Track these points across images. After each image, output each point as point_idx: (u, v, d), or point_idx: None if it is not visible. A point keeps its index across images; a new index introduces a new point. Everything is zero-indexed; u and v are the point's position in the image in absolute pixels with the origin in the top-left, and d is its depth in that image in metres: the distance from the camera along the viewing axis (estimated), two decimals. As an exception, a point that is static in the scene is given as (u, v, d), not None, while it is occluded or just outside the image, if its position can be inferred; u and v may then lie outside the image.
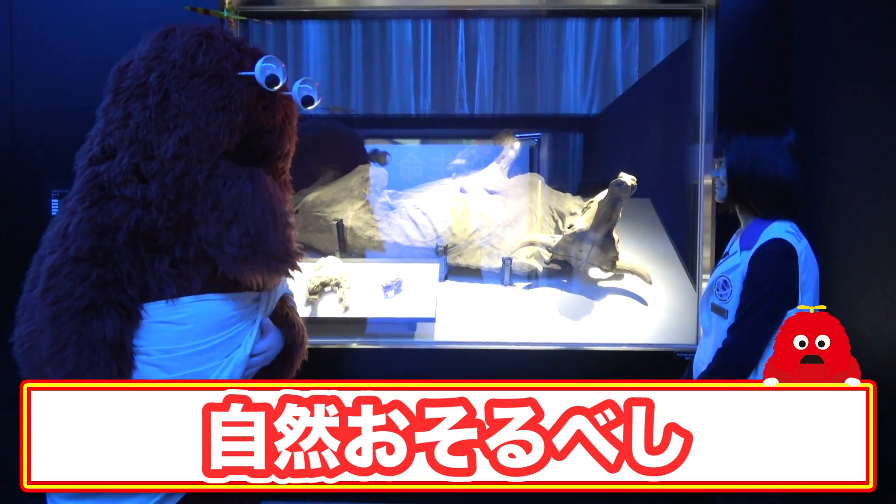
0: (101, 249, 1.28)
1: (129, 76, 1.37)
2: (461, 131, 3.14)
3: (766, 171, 1.53)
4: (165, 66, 1.34)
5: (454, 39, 3.09)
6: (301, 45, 3.05)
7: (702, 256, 2.23)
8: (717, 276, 1.62)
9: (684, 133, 2.41)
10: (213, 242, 1.35)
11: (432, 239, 2.57)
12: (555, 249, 2.45)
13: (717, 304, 1.59)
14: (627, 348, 2.18)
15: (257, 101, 1.42)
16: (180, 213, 1.33)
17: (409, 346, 2.19)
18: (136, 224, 1.30)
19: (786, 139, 1.54)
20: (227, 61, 1.37)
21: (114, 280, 1.30)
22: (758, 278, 1.48)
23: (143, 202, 1.31)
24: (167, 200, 1.32)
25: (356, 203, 2.63)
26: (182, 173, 1.32)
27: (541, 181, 2.76)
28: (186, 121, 1.33)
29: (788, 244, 1.48)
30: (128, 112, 1.33)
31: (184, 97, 1.33)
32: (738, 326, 1.51)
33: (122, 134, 1.32)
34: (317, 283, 2.28)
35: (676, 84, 2.65)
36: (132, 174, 1.31)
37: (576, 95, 3.12)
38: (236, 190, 1.37)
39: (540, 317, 2.34)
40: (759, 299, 1.47)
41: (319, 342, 2.19)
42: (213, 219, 1.35)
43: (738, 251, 1.57)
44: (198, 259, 1.36)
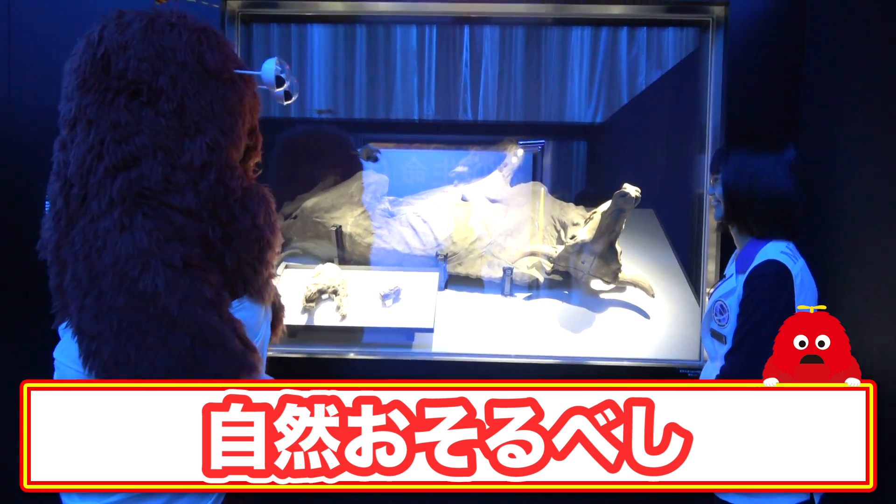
0: (197, 255, 1.23)
1: (120, 74, 1.26)
2: (464, 138, 3.12)
3: (765, 189, 1.49)
4: (174, 67, 1.26)
5: (459, 46, 3.08)
6: (303, 48, 3.03)
7: (706, 270, 2.19)
8: (714, 300, 1.58)
9: (690, 144, 2.38)
10: (251, 262, 1.33)
11: (432, 247, 2.53)
12: (556, 260, 2.42)
13: (716, 330, 1.56)
14: (629, 363, 2.14)
15: (254, 101, 1.40)
16: (223, 222, 1.28)
17: (406, 357, 2.15)
18: (196, 233, 1.24)
19: (786, 156, 1.50)
20: (230, 60, 1.34)
21: (218, 282, 1.27)
22: (753, 303, 1.44)
23: (187, 211, 1.24)
24: (207, 210, 1.26)
25: (356, 209, 2.60)
26: (216, 181, 1.27)
27: (543, 190, 2.73)
28: (209, 126, 1.27)
29: (783, 266, 1.43)
30: (136, 118, 1.24)
31: (203, 102, 1.27)
32: (734, 353, 1.47)
33: (141, 141, 1.23)
34: (314, 291, 2.25)
35: (683, 95, 2.62)
36: (168, 183, 1.23)
37: (580, 104, 3.10)
38: (263, 207, 1.36)
39: (540, 328, 2.30)
40: (755, 324, 1.43)
41: (315, 351, 2.16)
42: (254, 238, 1.32)
43: (733, 274, 1.54)
44: (241, 268, 1.33)
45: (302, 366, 2.10)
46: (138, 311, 1.18)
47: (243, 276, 1.34)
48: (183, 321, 1.19)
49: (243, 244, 1.31)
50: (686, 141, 2.47)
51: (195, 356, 1.20)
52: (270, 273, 1.42)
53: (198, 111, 1.27)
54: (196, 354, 1.20)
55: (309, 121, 3.10)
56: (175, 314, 1.19)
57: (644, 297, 2.40)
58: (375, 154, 2.78)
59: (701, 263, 2.22)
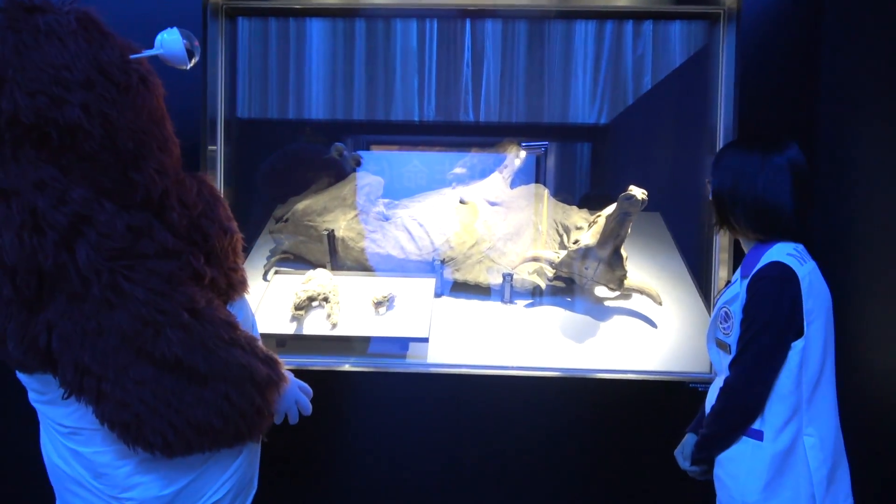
0: (198, 292, 1.15)
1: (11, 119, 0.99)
2: (466, 139, 3.03)
3: (745, 192, 1.40)
4: (78, 92, 1.00)
5: (460, 44, 2.99)
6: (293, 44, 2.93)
7: (717, 277, 2.09)
8: (718, 307, 1.48)
9: (699, 145, 2.28)
10: (231, 266, 1.27)
11: (429, 252, 2.43)
12: (559, 266, 2.32)
13: (720, 339, 1.46)
14: (635, 376, 2.03)
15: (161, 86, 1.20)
16: (199, 244, 1.18)
17: (400, 370, 2.05)
18: (183, 270, 1.15)
19: (776, 157, 1.40)
20: (121, 48, 1.09)
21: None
22: (754, 308, 1.35)
23: (167, 253, 1.11)
24: (184, 241, 1.14)
25: (349, 212, 2.50)
26: (180, 205, 1.15)
27: (546, 193, 2.63)
28: (147, 146, 1.09)
29: (787, 268, 1.34)
30: (60, 167, 1.02)
31: (127, 121, 1.05)
32: (737, 363, 1.37)
33: (79, 193, 1.03)
34: (303, 298, 2.15)
35: (691, 92, 2.53)
36: (130, 232, 1.07)
37: (584, 103, 3.01)
38: (219, 203, 1.27)
39: (541, 337, 2.20)
40: (757, 331, 1.33)
41: (304, 362, 2.05)
42: (227, 243, 1.25)
43: (738, 279, 1.44)
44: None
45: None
46: (167, 376, 1.08)
47: (230, 281, 1.27)
48: (212, 372, 1.11)
49: (222, 255, 1.22)
50: (694, 141, 2.38)
51: (230, 400, 1.12)
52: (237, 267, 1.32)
53: (130, 136, 1.05)
54: (231, 397, 1.12)
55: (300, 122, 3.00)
56: (203, 370, 1.10)
57: (651, 306, 2.31)
58: (358, 157, 2.63)
59: (711, 269, 2.11)
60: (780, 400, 1.34)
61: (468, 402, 2.01)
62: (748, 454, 1.36)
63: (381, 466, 2.04)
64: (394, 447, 2.04)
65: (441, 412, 2.01)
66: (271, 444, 1.36)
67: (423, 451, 2.03)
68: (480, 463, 2.03)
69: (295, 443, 2.02)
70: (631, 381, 2.02)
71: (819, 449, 1.33)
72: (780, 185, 1.39)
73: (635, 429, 2.00)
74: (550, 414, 2.01)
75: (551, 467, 2.03)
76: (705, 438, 1.43)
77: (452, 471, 2.03)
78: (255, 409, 1.16)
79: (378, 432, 2.03)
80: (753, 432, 1.36)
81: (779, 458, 1.33)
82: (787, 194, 1.39)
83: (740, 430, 1.37)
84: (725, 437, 1.39)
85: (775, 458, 1.33)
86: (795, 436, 1.33)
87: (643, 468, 2.01)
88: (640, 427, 2.00)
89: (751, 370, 1.34)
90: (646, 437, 2.00)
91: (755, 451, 1.35)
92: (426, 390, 2.02)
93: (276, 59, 2.90)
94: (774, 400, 1.34)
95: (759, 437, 1.35)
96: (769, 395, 1.34)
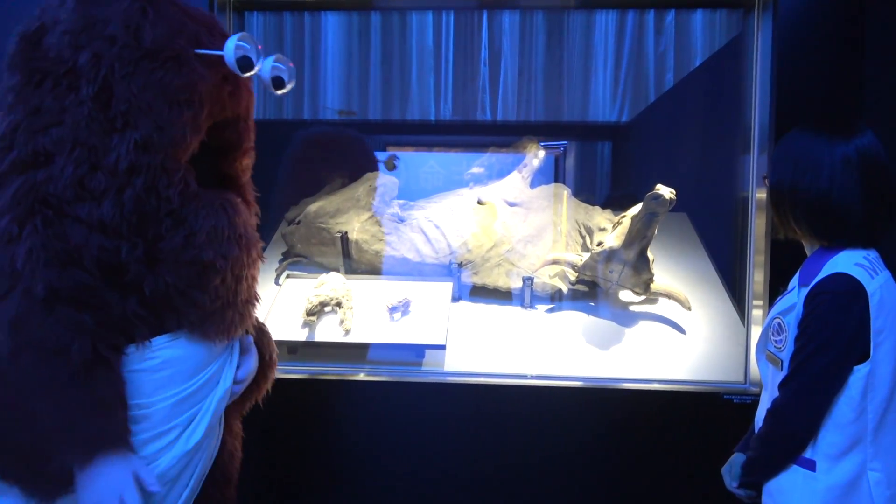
0: (81, 285, 1.01)
1: (46, 51, 1.07)
2: (482, 139, 2.94)
3: (807, 187, 1.23)
4: (100, 43, 1.05)
5: (477, 42, 2.91)
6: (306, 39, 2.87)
7: (752, 281, 1.97)
8: (772, 316, 1.33)
9: (730, 142, 2.17)
10: (183, 289, 1.11)
11: (445, 255, 2.34)
12: (581, 269, 2.23)
13: (772, 353, 1.30)
14: (664, 386, 1.92)
15: (222, 88, 1.16)
16: (147, 239, 1.07)
17: (416, 379, 1.96)
18: (98, 253, 1.02)
19: (842, 145, 1.22)
20: (180, 36, 1.10)
21: (107, 321, 1.05)
22: (813, 325, 1.19)
23: (100, 225, 1.03)
24: (128, 224, 1.05)
25: (363, 214, 2.42)
26: (145, 189, 1.06)
27: (566, 192, 2.53)
28: (142, 119, 1.05)
29: (855, 281, 1.17)
30: (59, 105, 1.05)
31: (133, 87, 1.05)
32: (788, 384, 1.23)
33: (59, 133, 1.03)
34: (315, 303, 2.06)
35: (722, 87, 2.41)
36: (81, 189, 1.03)
37: (607, 99, 2.91)
38: (211, 222, 1.12)
39: (563, 344, 2.11)
40: (813, 352, 1.18)
41: (315, 371, 1.97)
42: (187, 260, 1.10)
43: (795, 287, 1.28)
44: (169, 296, 1.11)
45: (301, 388, 1.92)
46: None
47: (175, 307, 1.12)
48: (13, 372, 0.98)
49: (174, 267, 1.09)
50: (725, 139, 2.28)
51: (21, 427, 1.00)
52: (225, 303, 1.17)
53: (128, 99, 1.05)
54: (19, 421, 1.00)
55: (316, 122, 2.94)
56: (7, 357, 0.98)
57: (679, 311, 2.21)
58: (395, 162, 2.60)
59: (746, 273, 1.99)
60: (837, 429, 1.20)
61: (487, 412, 1.92)
62: (799, 485, 1.23)
63: (396, 479, 1.96)
64: (408, 459, 1.95)
65: (458, 423, 1.92)
66: (282, 456, 1.24)
67: (439, 464, 1.94)
68: (499, 477, 1.93)
69: (307, 454, 1.95)
70: (660, 392, 1.91)
71: (886, 486, 1.19)
72: (847, 181, 1.21)
73: (666, 443, 1.89)
74: (573, 426, 1.91)
75: (574, 483, 1.93)
76: (751, 462, 1.30)
77: (469, 485, 1.94)
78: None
79: (392, 444, 1.95)
80: (805, 461, 1.22)
81: (836, 492, 1.19)
82: (854, 192, 1.21)
83: (789, 459, 1.24)
84: (772, 464, 1.26)
85: (831, 493, 1.19)
86: (858, 470, 1.19)
87: (674, 486, 1.90)
88: (670, 441, 1.89)
89: (802, 395, 1.20)
90: (678, 452, 1.89)
91: (807, 483, 1.22)
92: (442, 400, 1.93)
93: (290, 57, 2.84)
94: (830, 428, 1.20)
95: (811, 468, 1.22)
96: (822, 423, 1.20)
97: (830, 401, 1.19)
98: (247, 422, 1.45)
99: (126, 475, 1.03)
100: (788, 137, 1.31)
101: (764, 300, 1.91)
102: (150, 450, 1.12)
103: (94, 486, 1.01)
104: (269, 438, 1.90)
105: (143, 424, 1.11)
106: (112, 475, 1.02)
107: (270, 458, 1.92)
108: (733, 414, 1.82)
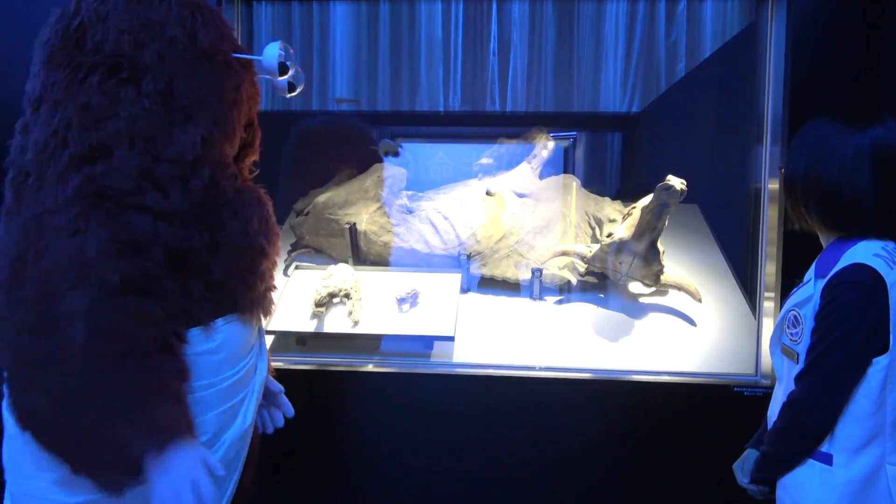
0: (148, 274, 1.05)
1: (97, 47, 1.10)
2: (492, 129, 2.93)
3: (818, 177, 1.22)
4: (162, 43, 1.11)
5: (486, 32, 2.89)
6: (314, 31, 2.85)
7: (764, 272, 1.95)
8: (787, 309, 1.31)
9: (742, 133, 2.14)
10: (239, 274, 1.20)
11: (454, 246, 2.33)
12: (591, 261, 2.22)
13: (787, 346, 1.29)
14: (674, 378, 1.92)
15: (252, 91, 1.26)
16: (212, 227, 1.14)
17: (424, 370, 1.96)
18: (168, 241, 1.08)
19: (855, 136, 1.21)
20: (227, 42, 1.20)
21: (172, 311, 1.10)
22: (832, 316, 1.18)
23: (168, 214, 1.08)
24: (196, 213, 1.11)
25: (371, 205, 2.41)
26: (210, 181, 1.13)
27: (576, 183, 2.52)
28: (202, 116, 1.13)
29: (874, 272, 1.16)
30: (111, 99, 1.08)
31: (194, 86, 1.12)
32: (806, 376, 1.21)
33: (115, 127, 1.07)
34: (324, 294, 2.07)
35: (734, 76, 2.38)
36: (144, 180, 1.07)
37: (617, 88, 2.88)
38: (258, 212, 1.22)
39: (573, 336, 2.10)
40: (833, 344, 1.17)
41: (324, 362, 1.98)
42: (245, 246, 1.18)
43: (812, 279, 1.27)
44: (227, 281, 1.19)
45: (309, 379, 1.93)
46: (44, 338, 1.00)
47: (231, 291, 1.19)
48: (88, 356, 1.00)
49: (232, 254, 1.17)
50: (736, 129, 2.25)
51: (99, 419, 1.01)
52: (268, 286, 1.29)
53: (188, 96, 1.12)
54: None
55: (324, 113, 2.94)
56: (80, 345, 0.99)
57: (690, 303, 2.19)
58: (396, 149, 2.59)
59: (758, 264, 1.98)
60: (855, 422, 1.19)
61: (495, 404, 1.91)
62: (815, 480, 1.21)
63: (403, 471, 1.96)
64: (416, 451, 1.95)
65: (467, 415, 1.92)
66: (289, 447, 1.27)
67: (446, 455, 1.95)
68: (507, 469, 1.93)
69: (314, 445, 1.96)
70: (669, 384, 1.90)
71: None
72: (858, 172, 1.20)
73: (675, 436, 1.88)
74: (582, 418, 1.91)
75: (582, 475, 1.92)
76: (766, 458, 1.30)
77: (477, 477, 1.94)
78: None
79: (401, 435, 1.95)
80: (822, 455, 1.21)
81: (854, 486, 1.18)
82: (866, 182, 1.20)
83: (805, 453, 1.23)
84: (788, 458, 1.25)
85: (849, 487, 1.18)
86: (876, 464, 1.18)
87: (683, 479, 1.89)
88: (680, 434, 1.88)
89: (820, 388, 1.19)
90: (687, 445, 1.88)
91: (824, 477, 1.20)
92: (451, 391, 1.93)
93: (297, 48, 2.85)
94: (849, 421, 1.19)
95: (828, 462, 1.21)
96: (840, 416, 1.19)
97: (849, 393, 1.18)
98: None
99: (196, 461, 1.04)
100: (807, 127, 1.30)
101: (776, 292, 1.89)
102: (214, 430, 1.19)
103: (167, 474, 1.02)
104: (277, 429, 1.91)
105: (206, 405, 1.18)
106: (184, 462, 1.03)
107: (278, 448, 1.93)
108: (744, 407, 1.81)
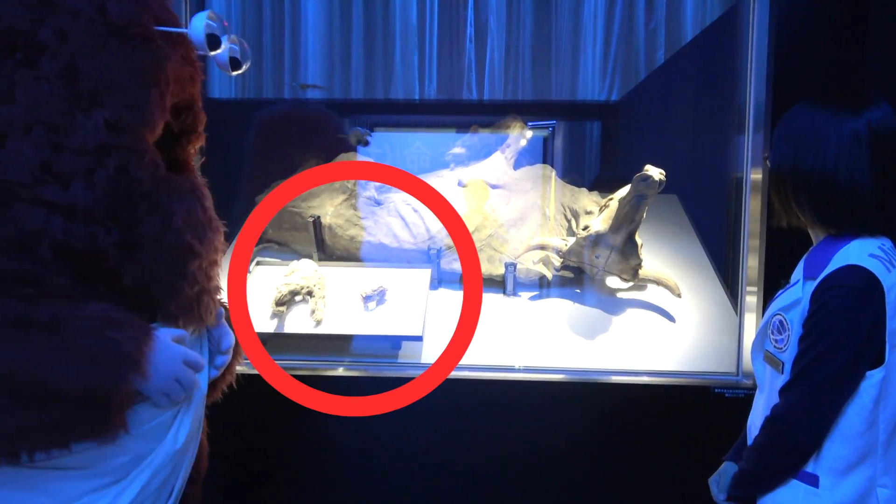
0: (34, 276, 0.96)
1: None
2: (468, 118, 2.85)
3: (811, 167, 1.11)
4: (63, 17, 1.01)
5: (462, 19, 2.81)
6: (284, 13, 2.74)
7: (746, 267, 1.88)
8: (772, 312, 1.20)
9: (723, 121, 2.07)
10: (162, 276, 1.08)
11: (424, 240, 2.24)
12: (567, 254, 2.15)
13: (771, 353, 1.18)
14: (652, 379, 1.85)
15: (183, 68, 1.14)
16: (122, 224, 1.03)
17: (390, 374, 1.86)
18: (63, 237, 0.98)
19: (850, 120, 1.09)
20: (145, 12, 1.08)
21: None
22: (822, 323, 1.07)
23: (67, 208, 0.98)
24: (101, 207, 1.01)
25: (337, 197, 2.30)
26: (117, 170, 1.02)
27: (553, 174, 2.44)
28: (110, 98, 1.02)
29: (869, 274, 1.05)
30: (11, 81, 0.99)
31: (102, 65, 1.02)
32: (791, 388, 1.11)
33: (11, 114, 0.98)
34: (285, 292, 1.96)
35: (715, 62, 2.32)
36: (41, 171, 0.98)
37: (595, 77, 2.82)
38: (186, 206, 1.10)
39: (547, 334, 2.02)
40: (821, 354, 1.06)
41: (284, 365, 1.86)
42: (167, 244, 1.07)
43: (800, 280, 1.16)
44: (147, 284, 1.08)
45: (267, 383, 1.82)
46: None
47: (152, 296, 1.08)
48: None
49: (154, 253, 1.05)
50: (718, 117, 2.19)
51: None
52: (202, 288, 1.15)
53: (95, 77, 1.02)
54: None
55: (292, 100, 2.84)
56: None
57: (669, 298, 2.13)
58: (365, 138, 2.49)
59: (740, 258, 1.91)
60: (844, 441, 1.09)
61: (465, 407, 1.83)
62: (799, 502, 1.11)
63: (372, 476, 1.88)
64: (384, 455, 1.87)
65: (435, 418, 1.84)
66: (249, 453, 1.16)
67: (416, 460, 1.86)
68: (477, 474, 1.86)
69: (276, 451, 1.87)
70: (647, 386, 1.83)
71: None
72: (856, 160, 1.09)
73: (654, 438, 1.82)
74: (557, 422, 1.83)
75: (556, 481, 1.85)
76: (744, 475, 1.19)
77: (447, 482, 1.87)
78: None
79: (367, 440, 1.86)
80: (806, 476, 1.11)
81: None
82: (864, 172, 1.09)
83: (788, 473, 1.13)
84: (769, 477, 1.15)
85: None
86: (866, 486, 1.09)
87: (662, 482, 1.83)
88: (659, 436, 1.81)
89: (807, 403, 1.08)
90: (666, 448, 1.81)
91: (808, 500, 1.10)
92: (418, 394, 1.84)
93: (267, 33, 2.74)
94: (837, 440, 1.09)
95: (813, 483, 1.11)
96: (828, 434, 1.09)
97: (839, 409, 1.08)
98: (214, 418, 1.37)
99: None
100: (792, 112, 1.18)
101: (758, 287, 1.83)
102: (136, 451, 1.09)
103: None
104: (236, 435, 1.81)
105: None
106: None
107: (237, 455, 1.84)
108: (723, 408, 1.75)
